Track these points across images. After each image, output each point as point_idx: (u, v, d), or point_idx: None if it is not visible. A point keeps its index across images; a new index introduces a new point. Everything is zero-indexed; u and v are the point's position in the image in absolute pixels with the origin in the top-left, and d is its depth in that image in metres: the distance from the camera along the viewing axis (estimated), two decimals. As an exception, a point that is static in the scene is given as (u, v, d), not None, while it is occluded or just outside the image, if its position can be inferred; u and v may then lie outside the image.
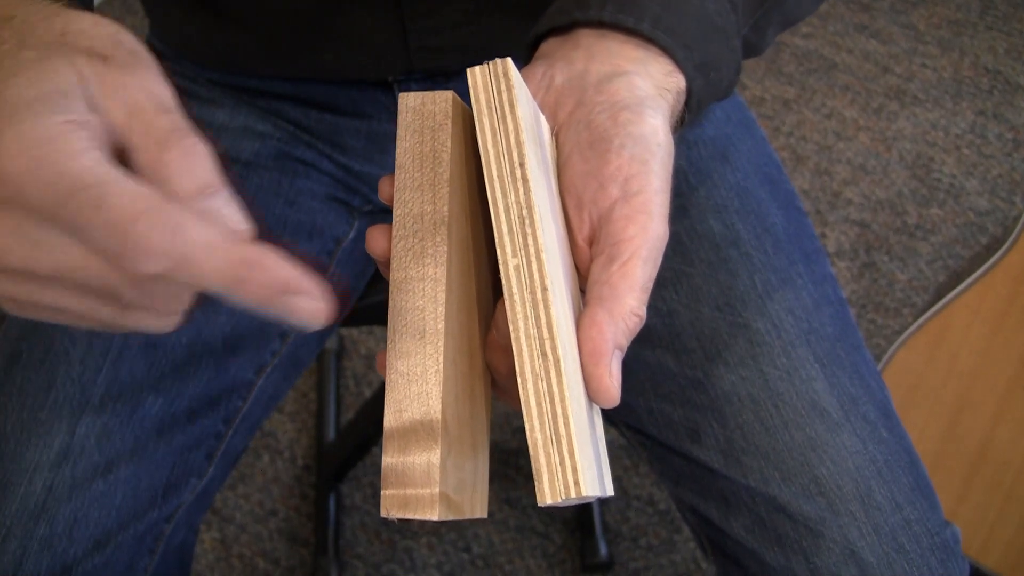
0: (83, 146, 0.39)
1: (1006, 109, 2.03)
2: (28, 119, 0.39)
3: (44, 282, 0.41)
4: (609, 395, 0.49)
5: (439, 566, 1.54)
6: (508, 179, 0.47)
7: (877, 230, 1.87)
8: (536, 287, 0.46)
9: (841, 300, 0.81)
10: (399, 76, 0.85)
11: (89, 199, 0.38)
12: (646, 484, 1.61)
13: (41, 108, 0.39)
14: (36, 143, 0.38)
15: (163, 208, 0.38)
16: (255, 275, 0.40)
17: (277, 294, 0.41)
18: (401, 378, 0.47)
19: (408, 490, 0.46)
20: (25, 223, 0.39)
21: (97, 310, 0.43)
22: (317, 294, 0.42)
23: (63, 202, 0.38)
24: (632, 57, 0.56)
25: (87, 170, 0.39)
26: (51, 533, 0.68)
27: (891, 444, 0.73)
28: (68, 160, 0.38)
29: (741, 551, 0.74)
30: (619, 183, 0.51)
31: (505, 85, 0.48)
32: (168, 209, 0.38)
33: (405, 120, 0.50)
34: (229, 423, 0.79)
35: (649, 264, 0.51)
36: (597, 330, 0.49)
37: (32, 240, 0.39)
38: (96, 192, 0.38)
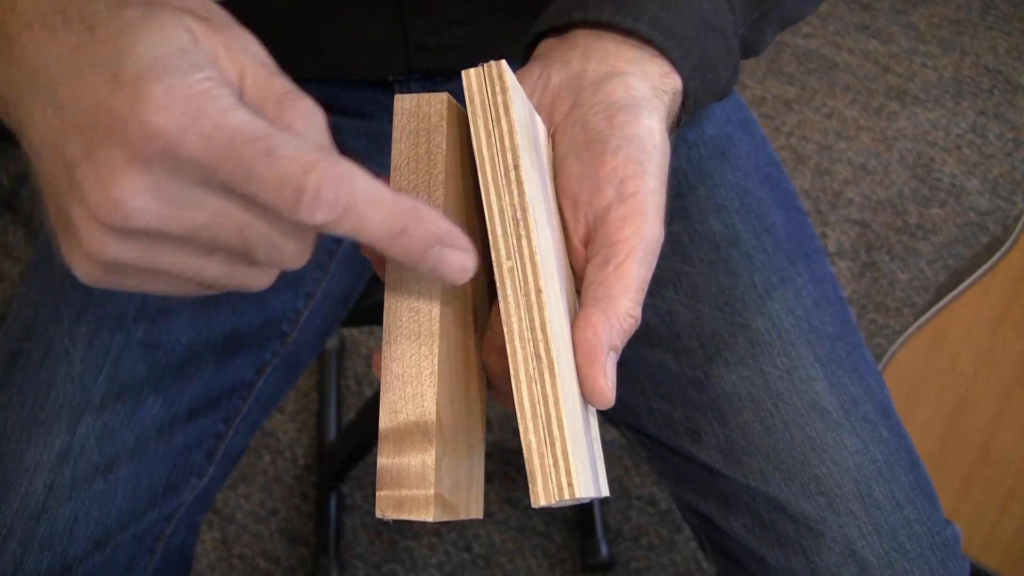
0: (233, 101, 0.40)
1: (1007, 109, 2.03)
2: (171, 75, 0.39)
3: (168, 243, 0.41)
4: (604, 396, 0.49)
5: (440, 566, 1.54)
6: (502, 181, 0.48)
7: (878, 230, 1.87)
8: (530, 289, 0.46)
9: (841, 299, 0.81)
10: (399, 76, 0.85)
11: (259, 150, 0.38)
12: (647, 484, 1.61)
13: (179, 64, 0.39)
14: (188, 98, 0.38)
15: (331, 160, 0.40)
16: (414, 227, 0.42)
17: (432, 246, 0.43)
18: (396, 379, 0.47)
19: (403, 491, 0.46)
20: (165, 181, 0.39)
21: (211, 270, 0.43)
22: (468, 248, 0.44)
23: (224, 155, 0.38)
24: (629, 58, 0.56)
25: (248, 123, 0.39)
26: (51, 532, 0.68)
27: (891, 443, 0.73)
28: (225, 114, 0.39)
29: (741, 551, 0.74)
30: (615, 184, 0.51)
31: (500, 87, 0.48)
32: (336, 160, 0.40)
33: (400, 122, 0.50)
34: (229, 423, 0.79)
35: (644, 265, 0.51)
36: (592, 331, 0.49)
37: (168, 198, 0.39)
38: (265, 143, 0.39)
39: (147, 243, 0.41)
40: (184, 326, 0.76)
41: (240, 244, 0.42)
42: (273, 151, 0.39)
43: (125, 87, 0.38)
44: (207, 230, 0.41)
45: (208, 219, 0.40)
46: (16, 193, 1.90)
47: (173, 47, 0.40)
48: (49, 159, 0.41)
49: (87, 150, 0.39)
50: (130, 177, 0.38)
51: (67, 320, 0.74)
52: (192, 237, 0.41)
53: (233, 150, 0.38)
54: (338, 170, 0.39)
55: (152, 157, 0.38)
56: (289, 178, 0.39)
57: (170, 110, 0.38)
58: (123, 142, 0.38)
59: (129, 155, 0.38)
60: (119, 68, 0.39)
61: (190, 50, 0.40)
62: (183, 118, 0.38)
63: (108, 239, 0.40)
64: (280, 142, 0.39)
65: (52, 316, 0.75)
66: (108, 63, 0.39)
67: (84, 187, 0.39)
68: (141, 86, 0.38)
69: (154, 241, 0.41)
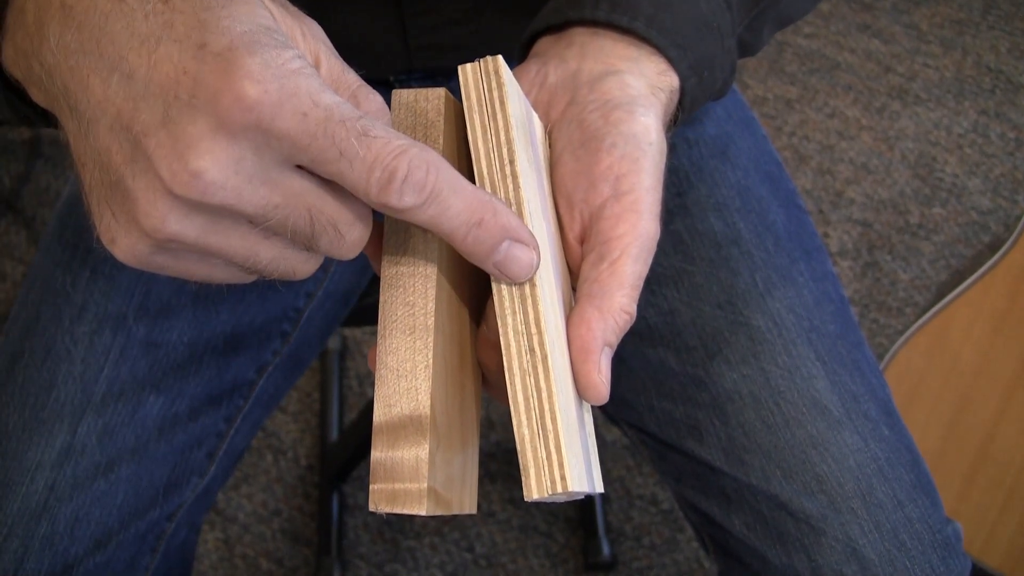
0: (324, 82, 0.40)
1: (1008, 108, 2.03)
2: (264, 50, 0.38)
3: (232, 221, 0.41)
4: (598, 392, 0.49)
5: (442, 566, 1.54)
6: (498, 175, 0.48)
7: (880, 229, 1.87)
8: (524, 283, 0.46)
9: (842, 298, 0.81)
10: (399, 75, 0.85)
11: (355, 129, 0.39)
12: (649, 484, 1.61)
13: (269, 41, 0.39)
14: (284, 73, 0.38)
15: (420, 146, 0.41)
16: (490, 219, 0.43)
17: (503, 240, 0.44)
18: (391, 373, 0.47)
19: (396, 485, 0.46)
20: (249, 155, 0.39)
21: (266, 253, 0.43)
22: (535, 245, 0.45)
23: (321, 131, 0.39)
24: (625, 56, 0.56)
25: (342, 103, 0.39)
26: (53, 532, 0.68)
27: (892, 441, 0.73)
28: (319, 92, 0.39)
29: (743, 549, 0.74)
30: (610, 182, 0.52)
31: (496, 82, 0.49)
32: (424, 148, 0.41)
33: (398, 117, 0.51)
34: (230, 422, 0.79)
35: (639, 262, 0.51)
36: (586, 327, 0.49)
37: (249, 174, 0.39)
38: (362, 124, 0.39)
39: (212, 220, 0.40)
40: (185, 325, 0.76)
41: (306, 228, 0.42)
42: (367, 131, 0.39)
43: (215, 58, 0.38)
44: (278, 211, 0.41)
45: (282, 199, 0.40)
46: (18, 193, 1.90)
47: (260, 24, 0.40)
48: (106, 128, 0.40)
49: (164, 117, 0.38)
50: (213, 147, 0.38)
51: (68, 320, 0.74)
52: (262, 217, 0.40)
53: (329, 128, 0.39)
54: (428, 156, 0.41)
55: (241, 129, 0.38)
56: (381, 159, 0.39)
57: (267, 83, 0.38)
58: (211, 112, 0.38)
59: (216, 126, 0.38)
60: (205, 39, 0.38)
61: (275, 30, 0.40)
62: (280, 92, 0.38)
63: (173, 212, 0.39)
64: (373, 124, 0.40)
65: (53, 316, 0.75)
66: (191, 34, 0.39)
67: (156, 156, 0.38)
68: (234, 57, 0.38)
69: (220, 218, 0.40)
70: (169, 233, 0.40)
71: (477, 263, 0.45)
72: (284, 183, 0.40)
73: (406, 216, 0.41)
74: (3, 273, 1.81)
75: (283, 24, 0.42)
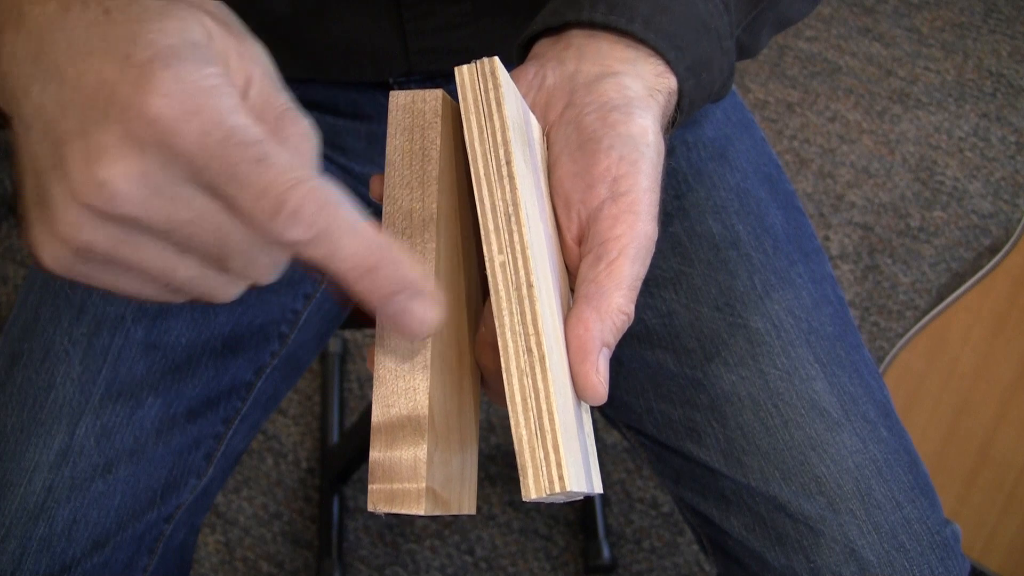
0: (236, 103, 0.39)
1: (1009, 112, 2.03)
2: (182, 65, 0.38)
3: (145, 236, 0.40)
4: (596, 392, 0.49)
5: (442, 569, 1.54)
6: (495, 176, 0.48)
7: (880, 233, 1.87)
8: (522, 283, 0.46)
9: (840, 299, 0.81)
10: (399, 78, 0.85)
11: (251, 155, 0.38)
12: (649, 487, 1.61)
13: (191, 56, 0.39)
14: (195, 90, 0.38)
15: (318, 181, 0.39)
16: (387, 268, 0.41)
17: (398, 292, 0.42)
18: (389, 373, 0.47)
19: (395, 485, 0.46)
20: (155, 169, 0.38)
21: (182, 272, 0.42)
22: (436, 302, 0.43)
23: (218, 153, 0.38)
24: (623, 58, 0.56)
25: (248, 127, 0.39)
26: (50, 533, 0.68)
27: (891, 443, 0.73)
28: (228, 113, 0.38)
29: (742, 550, 0.74)
30: (607, 183, 0.52)
31: (492, 84, 0.49)
32: (324, 184, 0.39)
33: (395, 118, 0.51)
34: (228, 424, 0.79)
35: (637, 263, 0.51)
36: (584, 327, 0.49)
37: (155, 187, 0.38)
38: (259, 150, 0.38)
39: (123, 231, 0.40)
40: (183, 327, 0.76)
41: (216, 248, 0.41)
42: (263, 158, 0.38)
43: (133, 69, 0.38)
44: (187, 227, 0.40)
45: (190, 216, 0.40)
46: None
47: (188, 39, 0.39)
48: (39, 134, 0.40)
49: (82, 127, 0.38)
50: (120, 159, 0.38)
51: (67, 321, 0.74)
52: (170, 232, 0.40)
53: (225, 150, 0.38)
54: (323, 193, 0.39)
55: (146, 142, 0.38)
56: (272, 189, 0.38)
57: (173, 98, 0.37)
58: (121, 123, 0.38)
59: (124, 137, 0.38)
60: (131, 51, 0.38)
61: (204, 46, 0.40)
62: (184, 108, 0.37)
63: (84, 220, 0.39)
64: (272, 152, 0.39)
65: (52, 317, 0.75)
66: (120, 45, 0.39)
67: (71, 164, 0.38)
68: (150, 70, 0.38)
69: (131, 230, 0.40)
70: (82, 241, 0.39)
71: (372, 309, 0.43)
72: (192, 200, 0.39)
73: (295, 250, 0.40)
74: (5, 276, 1.81)
75: (219, 43, 0.41)
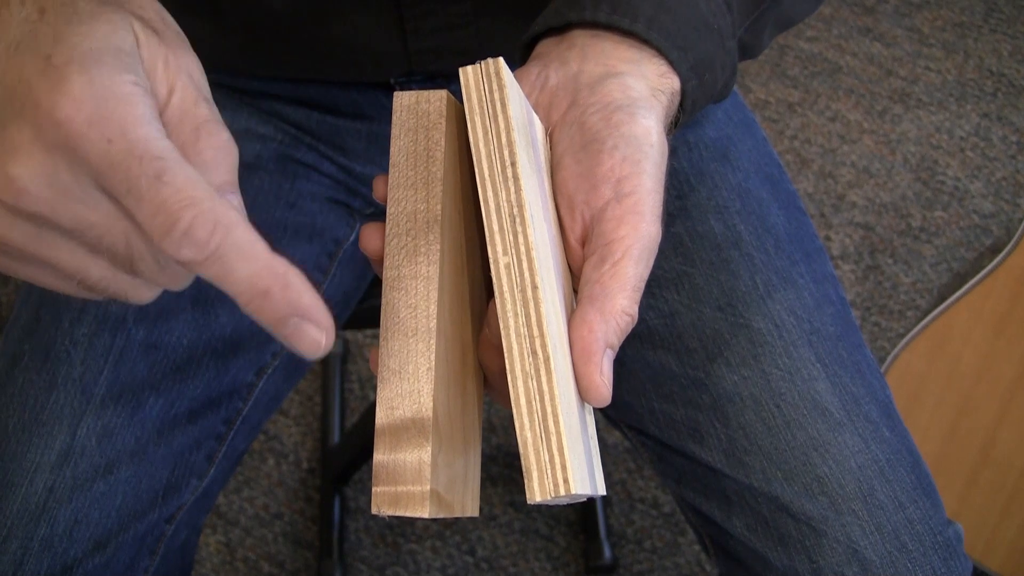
0: (149, 113, 0.40)
1: (1010, 112, 2.03)
2: (98, 69, 0.39)
3: (56, 233, 0.41)
4: (600, 394, 0.49)
5: (443, 569, 1.54)
6: (499, 178, 0.48)
7: (881, 233, 1.87)
8: (526, 285, 0.46)
9: (842, 299, 0.81)
10: (399, 78, 0.85)
11: (150, 170, 0.38)
12: (650, 487, 1.61)
13: (111, 62, 0.39)
14: (105, 96, 0.38)
15: (215, 203, 0.39)
16: (279, 292, 0.41)
17: (291, 316, 0.41)
18: (393, 375, 0.47)
19: (399, 487, 0.46)
20: (63, 171, 0.39)
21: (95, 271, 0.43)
22: (327, 327, 0.43)
23: (118, 163, 0.38)
24: (626, 58, 0.56)
25: (153, 140, 0.39)
26: (52, 533, 0.68)
27: (893, 443, 0.72)
28: (136, 124, 0.39)
29: (744, 550, 0.74)
30: (611, 184, 0.52)
31: (497, 84, 0.49)
32: (220, 205, 0.39)
33: (399, 119, 0.51)
34: (230, 424, 0.79)
35: (641, 264, 0.51)
36: (588, 329, 0.49)
37: (63, 188, 0.39)
38: (158, 166, 0.38)
39: (35, 228, 0.40)
40: (184, 328, 0.76)
41: (125, 252, 0.42)
42: (162, 175, 0.38)
43: (51, 70, 0.38)
44: (94, 229, 0.40)
45: (97, 219, 0.40)
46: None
47: (112, 45, 0.40)
48: None
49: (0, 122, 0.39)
50: (29, 158, 0.38)
51: (68, 321, 0.74)
52: (79, 233, 0.40)
53: (125, 162, 0.38)
54: (218, 214, 0.39)
55: (54, 144, 0.38)
56: (166, 207, 0.38)
57: (82, 103, 0.38)
58: (32, 122, 0.38)
59: (34, 136, 0.38)
60: (52, 51, 0.39)
61: (128, 52, 0.40)
62: (90, 114, 0.38)
63: None
64: (172, 168, 0.39)
65: (53, 317, 0.75)
66: (44, 45, 0.39)
67: None
68: (66, 72, 0.38)
69: (42, 228, 0.40)
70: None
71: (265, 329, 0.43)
72: (100, 204, 0.40)
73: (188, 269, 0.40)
74: (6, 277, 1.81)
75: (146, 50, 0.42)
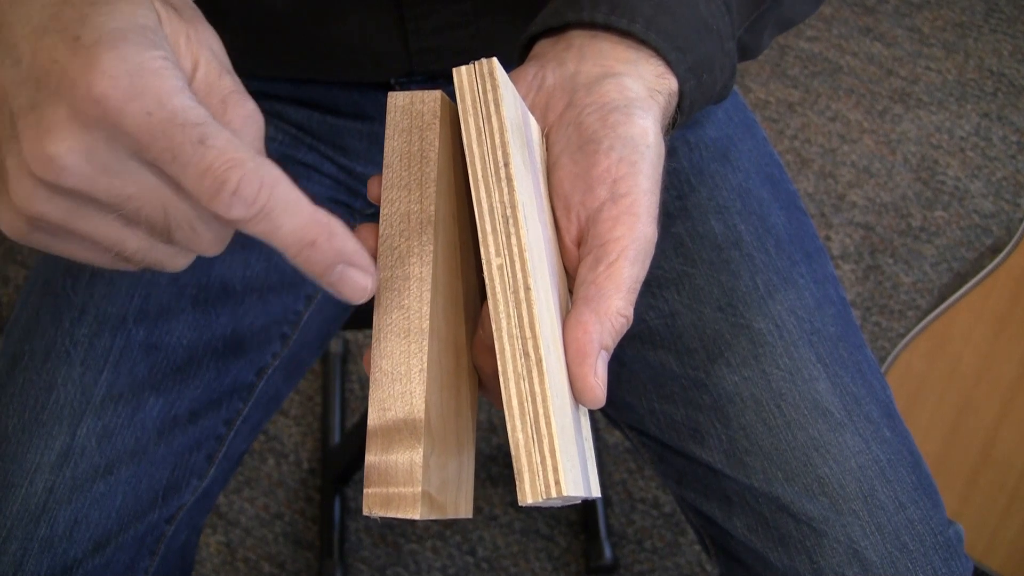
0: (181, 84, 0.41)
1: (1011, 112, 2.03)
2: (127, 47, 0.40)
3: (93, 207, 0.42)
4: (594, 395, 0.49)
5: (444, 569, 1.54)
6: (492, 179, 0.48)
7: (881, 233, 1.87)
8: (519, 287, 0.46)
9: (843, 300, 0.80)
10: (400, 78, 0.85)
11: (193, 135, 0.40)
12: (651, 487, 1.61)
13: (138, 39, 0.41)
14: (138, 71, 0.40)
15: (258, 161, 0.41)
16: (324, 241, 0.43)
17: (338, 263, 0.44)
18: (385, 376, 0.47)
19: (390, 488, 0.46)
20: (100, 146, 0.40)
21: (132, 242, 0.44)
22: (371, 271, 0.46)
23: (161, 133, 0.40)
24: (624, 58, 0.56)
25: (190, 108, 0.40)
26: (52, 534, 0.68)
27: (894, 443, 0.72)
28: (171, 94, 0.40)
29: (744, 551, 0.74)
30: (607, 185, 0.51)
31: (491, 85, 0.48)
32: (263, 163, 0.41)
33: (393, 119, 0.51)
34: (230, 424, 0.79)
35: (636, 265, 0.51)
36: (582, 330, 0.49)
37: (101, 163, 0.40)
38: (201, 131, 0.40)
39: (73, 203, 0.42)
40: (185, 328, 0.76)
41: (162, 222, 0.43)
42: (205, 139, 0.40)
43: (81, 50, 0.40)
44: (132, 201, 0.42)
45: (135, 191, 0.42)
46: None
47: (137, 23, 0.41)
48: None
49: (33, 103, 0.40)
50: (68, 135, 0.40)
51: (68, 322, 0.74)
52: (117, 206, 0.42)
53: (168, 131, 0.40)
54: (263, 172, 0.41)
55: (92, 121, 0.39)
56: (213, 169, 0.40)
57: (118, 79, 0.39)
58: (69, 101, 0.39)
59: (71, 115, 0.39)
60: (80, 32, 0.40)
61: (152, 29, 0.42)
62: (128, 89, 0.39)
63: (37, 192, 0.41)
64: (214, 133, 0.40)
65: (53, 318, 0.75)
66: (71, 26, 0.40)
67: (23, 138, 0.40)
68: (97, 52, 0.39)
69: (80, 203, 0.42)
70: (35, 212, 0.42)
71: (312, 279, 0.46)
72: (137, 176, 0.42)
73: (238, 227, 0.42)
74: (6, 277, 1.81)
75: (168, 26, 0.43)
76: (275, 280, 0.82)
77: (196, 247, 0.45)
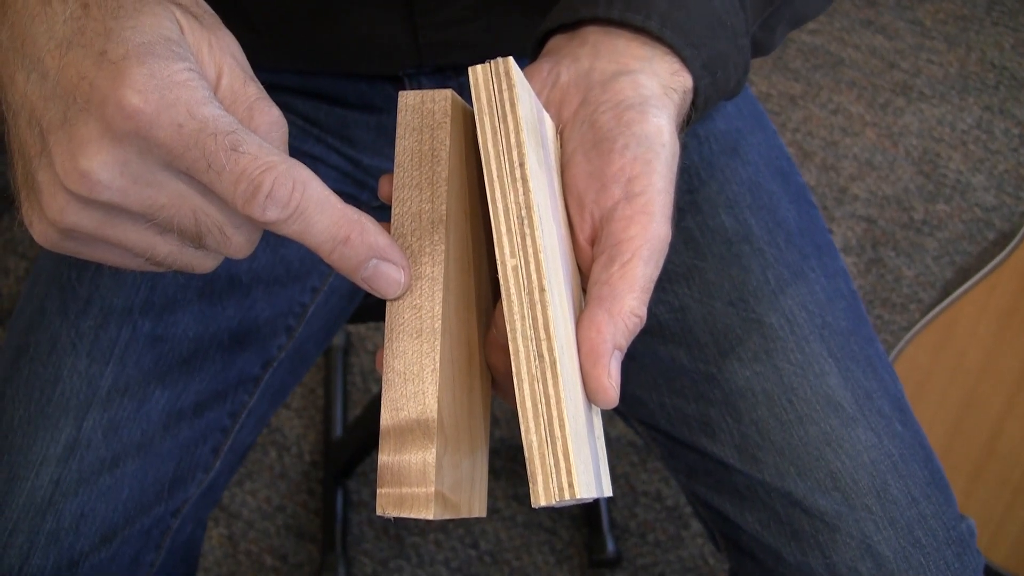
0: (208, 95, 0.42)
1: (1013, 104, 2.03)
2: (155, 61, 0.41)
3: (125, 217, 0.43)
4: (607, 396, 0.48)
5: (446, 562, 1.54)
6: (508, 179, 0.47)
7: (884, 226, 1.87)
8: (534, 288, 0.46)
9: (853, 294, 0.80)
10: (409, 70, 0.84)
11: (225, 143, 0.41)
12: (654, 480, 1.60)
13: (164, 52, 0.42)
14: (168, 84, 0.41)
15: (290, 163, 0.42)
16: (357, 238, 0.45)
17: (370, 258, 0.46)
18: (398, 376, 0.47)
19: (404, 489, 0.46)
20: (133, 159, 0.41)
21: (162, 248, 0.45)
22: (404, 265, 0.47)
23: (194, 143, 0.41)
24: (638, 55, 0.55)
25: (220, 117, 0.42)
26: (58, 527, 0.68)
27: (906, 438, 0.72)
28: (200, 105, 0.41)
29: (756, 546, 0.73)
30: (622, 184, 0.51)
31: (506, 84, 0.48)
32: (294, 164, 0.43)
33: (404, 119, 0.50)
34: (235, 417, 0.79)
35: (650, 265, 0.50)
36: (596, 330, 0.48)
37: (133, 176, 0.42)
38: (232, 139, 0.41)
39: (105, 215, 0.43)
40: (191, 320, 0.76)
41: (193, 228, 0.44)
42: (237, 146, 0.41)
43: (110, 66, 0.41)
44: (164, 211, 0.43)
45: (167, 201, 0.43)
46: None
47: (161, 35, 0.42)
48: (25, 122, 0.43)
49: (64, 118, 0.41)
50: (101, 150, 0.41)
51: (73, 314, 0.74)
52: (149, 215, 0.43)
53: (200, 140, 0.41)
54: (294, 173, 0.42)
55: (124, 135, 0.40)
56: (247, 174, 0.41)
57: (148, 93, 0.40)
58: (100, 116, 0.40)
59: (103, 129, 0.40)
60: (106, 47, 0.41)
61: (176, 41, 0.43)
62: (159, 103, 0.40)
63: (69, 205, 0.42)
64: (245, 139, 0.42)
65: (58, 310, 0.74)
66: (97, 41, 0.41)
67: (54, 153, 0.41)
68: (125, 67, 0.40)
69: (112, 214, 0.43)
70: (68, 224, 0.43)
71: (346, 276, 0.47)
72: (168, 186, 0.43)
73: (272, 228, 0.43)
74: (6, 268, 1.80)
75: (190, 36, 0.44)
76: (281, 273, 0.82)
77: (226, 251, 0.46)
